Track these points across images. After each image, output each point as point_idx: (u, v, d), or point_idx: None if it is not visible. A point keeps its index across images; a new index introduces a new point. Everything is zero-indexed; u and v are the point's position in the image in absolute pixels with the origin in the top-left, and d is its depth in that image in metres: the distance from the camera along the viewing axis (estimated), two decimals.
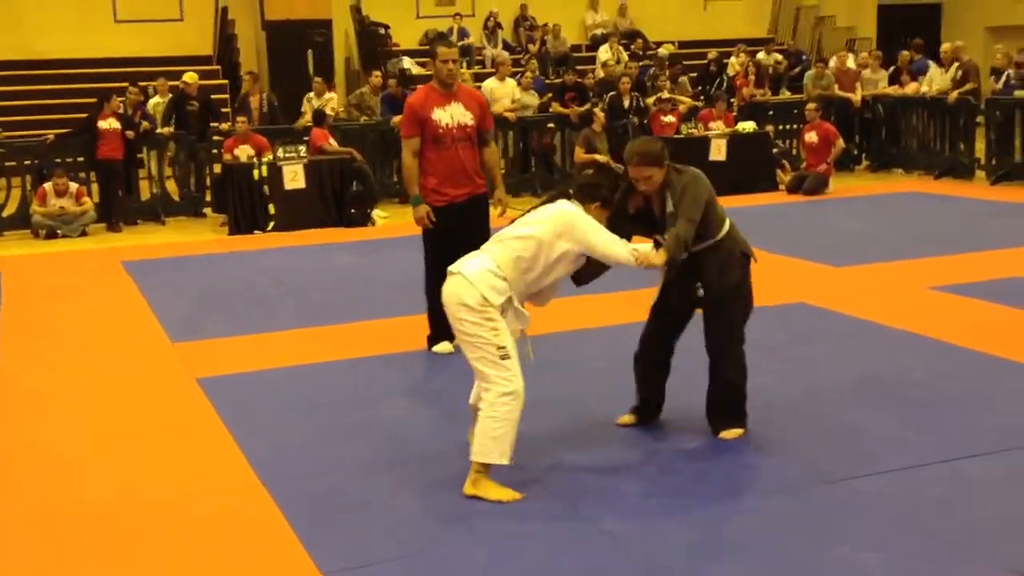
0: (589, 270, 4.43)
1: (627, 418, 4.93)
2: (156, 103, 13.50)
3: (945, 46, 14.71)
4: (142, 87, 13.49)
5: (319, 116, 12.69)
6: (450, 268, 4.29)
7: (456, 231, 6.03)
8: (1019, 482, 4.20)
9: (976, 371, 5.63)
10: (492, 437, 4.08)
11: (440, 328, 6.27)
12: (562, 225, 4.23)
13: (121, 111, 12.39)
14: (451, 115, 6.04)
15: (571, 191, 4.46)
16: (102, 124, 11.98)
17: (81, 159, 12.34)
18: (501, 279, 4.16)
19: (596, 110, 13.25)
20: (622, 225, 4.48)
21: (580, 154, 12.77)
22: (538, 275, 4.25)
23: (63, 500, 4.37)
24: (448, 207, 6.07)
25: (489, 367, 4.10)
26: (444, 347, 6.23)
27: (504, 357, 4.08)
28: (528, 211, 4.43)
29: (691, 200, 4.44)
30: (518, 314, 4.24)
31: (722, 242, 4.59)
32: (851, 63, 15.45)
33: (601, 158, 12.59)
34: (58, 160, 12.13)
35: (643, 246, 4.38)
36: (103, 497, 4.39)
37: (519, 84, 14.00)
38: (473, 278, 4.15)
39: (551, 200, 4.42)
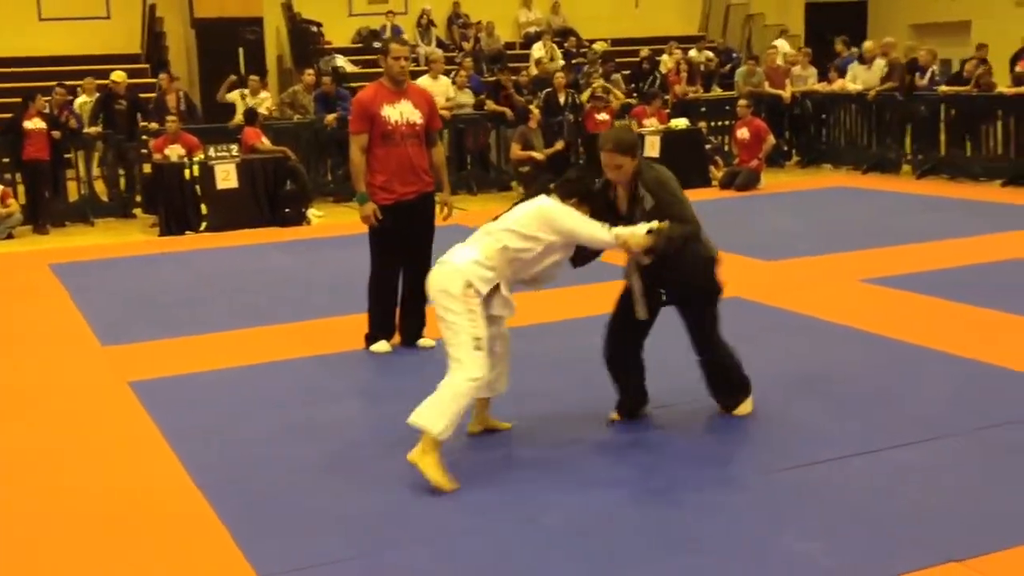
0: (581, 254, 4.61)
1: (614, 415, 4.93)
2: (83, 102, 13.24)
3: (867, 44, 15.00)
4: (68, 86, 13.22)
5: (251, 115, 12.54)
6: (440, 259, 4.46)
7: (403, 229, 6.01)
8: (947, 469, 4.29)
9: (905, 361, 5.74)
10: (441, 409, 4.18)
11: (379, 327, 6.24)
12: (543, 218, 4.42)
13: (47, 111, 12.13)
14: (400, 112, 6.00)
15: (552, 187, 4.61)
16: (27, 124, 11.72)
17: (7, 160, 12.07)
18: (488, 269, 4.35)
19: (531, 107, 13.27)
20: (604, 218, 4.58)
21: (516, 151, 12.78)
22: (526, 263, 4.44)
23: None
24: (395, 205, 6.03)
25: (463, 354, 4.25)
26: (381, 346, 6.19)
27: (478, 348, 4.26)
28: (512, 206, 4.61)
29: (674, 200, 4.54)
30: (505, 302, 4.44)
31: (692, 244, 4.62)
32: (782, 53, 15.68)
33: (537, 155, 12.62)
34: None
35: (627, 229, 4.45)
36: (33, 504, 4.28)
37: (454, 83, 13.97)
38: (461, 267, 4.34)
39: (532, 195, 4.59)
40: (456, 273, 4.32)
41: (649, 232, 4.41)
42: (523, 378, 5.51)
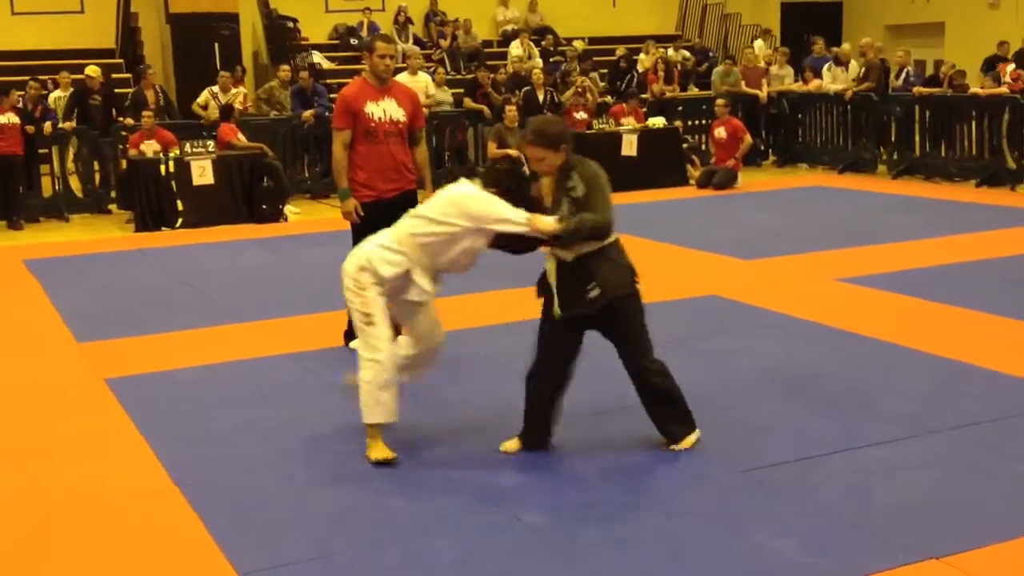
0: (514, 241, 4.45)
1: (511, 444, 4.60)
2: (57, 97, 13.12)
3: (845, 46, 15.12)
4: (42, 81, 13.10)
5: (227, 111, 12.48)
6: None
7: (385, 226, 5.99)
8: (923, 466, 4.32)
9: (880, 359, 5.79)
10: (368, 400, 4.42)
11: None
12: (454, 202, 4.44)
13: (20, 105, 12.02)
14: (384, 110, 5.98)
15: (474, 173, 4.63)
16: (0, 119, 11.60)
17: None
18: (396, 252, 4.44)
19: (508, 106, 13.27)
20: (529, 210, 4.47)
21: (492, 149, 12.78)
22: (438, 249, 4.45)
23: None
24: (377, 202, 6.01)
25: (360, 332, 4.46)
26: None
27: (368, 324, 4.41)
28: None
29: (603, 196, 4.35)
30: (419, 289, 4.49)
31: (607, 249, 4.38)
32: (760, 55, 15.76)
33: (514, 152, 12.61)
34: None
35: (543, 216, 4.34)
36: (8, 502, 4.25)
37: (433, 80, 13.96)
38: (367, 250, 4.48)
39: (452, 180, 4.60)
40: (359, 255, 4.50)
41: (561, 219, 4.30)
42: (486, 379, 5.52)
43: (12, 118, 11.68)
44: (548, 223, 4.29)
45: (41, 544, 3.88)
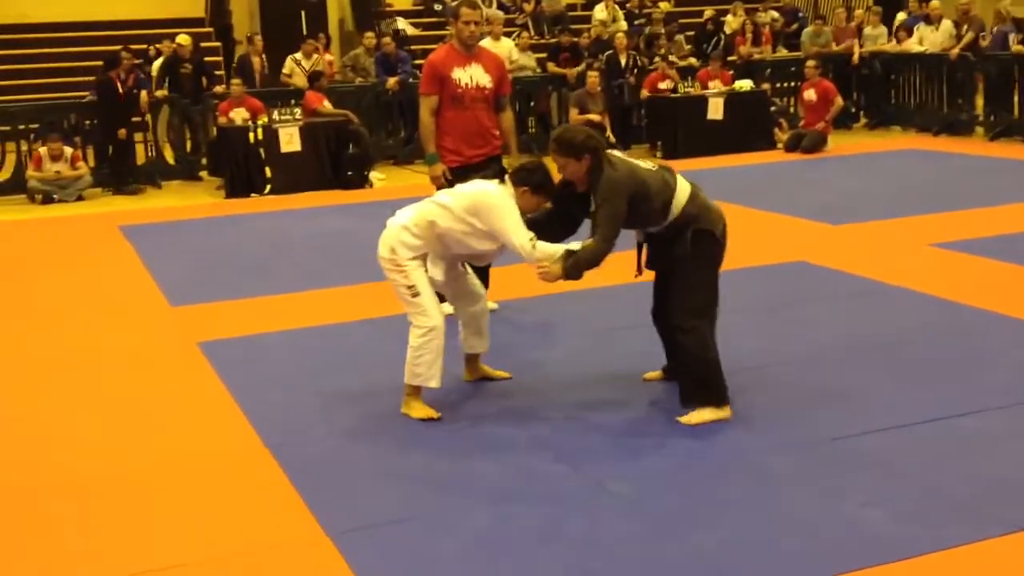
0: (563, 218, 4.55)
1: (654, 374, 4.94)
2: (159, 64, 13.35)
3: (934, 3, 14.63)
4: (139, 51, 13.35)
5: (314, 77, 12.60)
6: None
7: None
8: (1017, 438, 4.21)
9: (976, 328, 5.64)
10: (416, 365, 4.58)
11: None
12: (476, 204, 4.49)
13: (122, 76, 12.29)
14: (471, 76, 5.99)
15: (508, 172, 4.67)
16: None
17: (87, 123, 12.26)
18: (415, 237, 4.54)
19: (589, 71, 13.16)
20: (570, 207, 4.54)
21: (575, 116, 12.72)
22: (455, 242, 4.55)
23: (66, 466, 4.37)
24: (463, 167, 6.03)
25: (407, 306, 4.59)
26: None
27: (415, 295, 4.53)
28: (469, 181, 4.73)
29: (606, 215, 4.28)
30: (432, 271, 4.61)
31: (674, 224, 4.39)
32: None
33: (594, 117, 12.53)
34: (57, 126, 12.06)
35: (550, 247, 4.41)
36: (107, 462, 4.40)
37: (516, 45, 13.90)
38: (392, 231, 4.59)
39: (488, 177, 4.66)
40: (388, 237, 4.60)
41: (568, 256, 4.33)
42: (572, 344, 5.51)
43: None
44: (552, 267, 4.35)
45: (134, 503, 4.00)
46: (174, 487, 4.11)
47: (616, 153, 4.48)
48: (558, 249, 4.40)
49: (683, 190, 4.42)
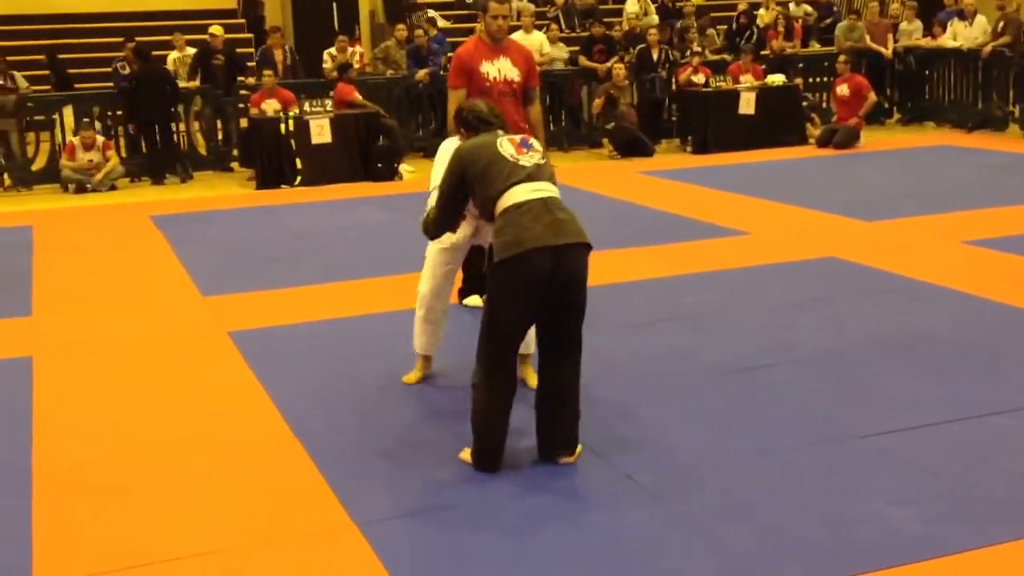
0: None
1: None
2: (175, 58, 13.36)
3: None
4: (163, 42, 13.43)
5: (344, 69, 12.64)
6: None
7: None
8: None
9: (1010, 326, 5.58)
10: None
11: (472, 281, 6.29)
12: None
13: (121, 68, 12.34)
14: (499, 69, 5.98)
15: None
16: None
17: (119, 113, 12.37)
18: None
19: (615, 65, 13.10)
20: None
21: (597, 105, 12.75)
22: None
23: (97, 453, 4.42)
24: None
25: None
26: (474, 300, 6.23)
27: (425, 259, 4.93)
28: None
29: (441, 178, 4.22)
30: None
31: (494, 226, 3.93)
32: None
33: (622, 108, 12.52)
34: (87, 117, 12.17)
35: (430, 203, 4.49)
36: (136, 448, 4.44)
37: (547, 38, 13.88)
38: None
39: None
40: None
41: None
42: (602, 339, 5.50)
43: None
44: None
45: (164, 490, 4.03)
46: (204, 475, 4.15)
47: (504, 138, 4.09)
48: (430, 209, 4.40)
49: (518, 194, 3.87)
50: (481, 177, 3.94)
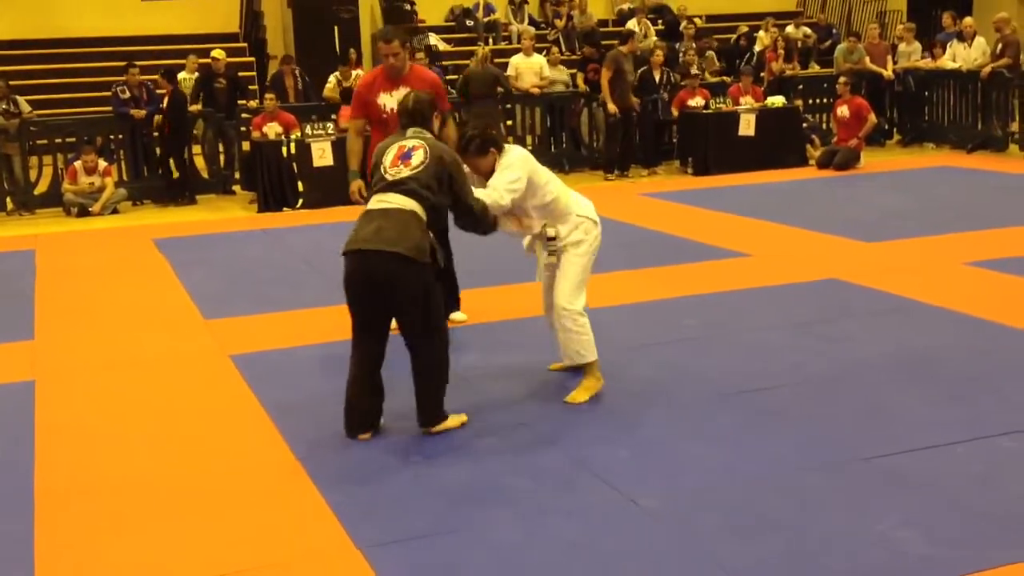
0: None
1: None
2: (184, 78, 13.45)
3: (967, 20, 14.54)
4: (169, 65, 13.48)
5: (347, 94, 12.67)
6: None
7: None
8: None
9: (1012, 347, 5.58)
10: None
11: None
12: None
13: (122, 92, 12.35)
14: (396, 99, 6.03)
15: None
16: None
17: (120, 136, 12.42)
18: None
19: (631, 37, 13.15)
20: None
21: (605, 75, 12.64)
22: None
23: (97, 476, 4.41)
24: None
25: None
26: (458, 316, 6.29)
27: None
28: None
29: None
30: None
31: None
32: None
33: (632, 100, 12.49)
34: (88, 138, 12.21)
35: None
36: (139, 472, 4.43)
37: (548, 61, 13.93)
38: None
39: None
40: None
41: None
42: (603, 358, 5.49)
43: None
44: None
45: (165, 513, 4.02)
46: (206, 498, 4.13)
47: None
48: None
49: (371, 202, 4.78)
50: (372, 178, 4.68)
